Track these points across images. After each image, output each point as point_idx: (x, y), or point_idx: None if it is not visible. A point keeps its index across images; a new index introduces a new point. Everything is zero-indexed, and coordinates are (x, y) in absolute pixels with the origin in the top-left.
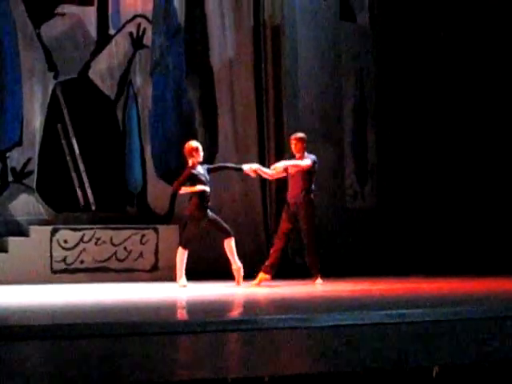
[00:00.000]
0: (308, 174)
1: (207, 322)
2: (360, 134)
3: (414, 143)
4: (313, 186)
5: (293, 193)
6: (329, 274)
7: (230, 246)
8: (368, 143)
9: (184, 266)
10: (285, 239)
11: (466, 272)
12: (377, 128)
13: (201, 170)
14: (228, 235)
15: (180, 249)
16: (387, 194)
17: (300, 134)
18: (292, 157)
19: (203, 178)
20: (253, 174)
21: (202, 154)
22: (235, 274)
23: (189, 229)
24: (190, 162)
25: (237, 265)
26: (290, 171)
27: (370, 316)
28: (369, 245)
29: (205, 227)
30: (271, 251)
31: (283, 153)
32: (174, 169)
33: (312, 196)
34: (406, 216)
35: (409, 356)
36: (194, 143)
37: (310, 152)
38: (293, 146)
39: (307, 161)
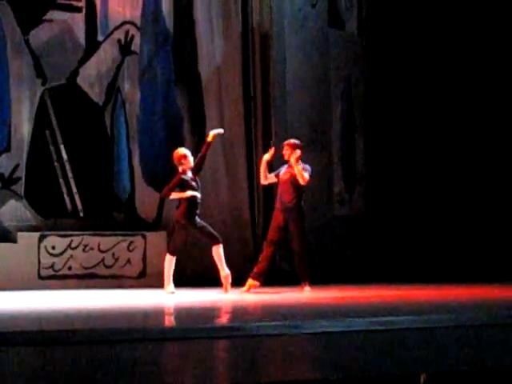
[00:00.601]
0: (295, 182)
1: (195, 328)
2: (348, 140)
3: (403, 150)
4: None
5: (284, 199)
6: (316, 280)
7: (218, 252)
8: (356, 150)
9: (172, 272)
10: (274, 246)
11: (454, 279)
12: (365, 135)
13: (191, 176)
14: (216, 242)
15: (168, 256)
16: (375, 200)
17: (292, 140)
18: (284, 163)
19: (194, 184)
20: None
21: (191, 159)
22: (223, 280)
23: (177, 236)
24: (180, 169)
25: (225, 272)
26: (281, 177)
27: (357, 323)
28: (357, 252)
29: (193, 235)
30: (260, 258)
31: (271, 159)
32: (162, 175)
33: (302, 203)
34: (394, 223)
35: (396, 363)
36: (181, 150)
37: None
38: (287, 153)
39: (306, 175)
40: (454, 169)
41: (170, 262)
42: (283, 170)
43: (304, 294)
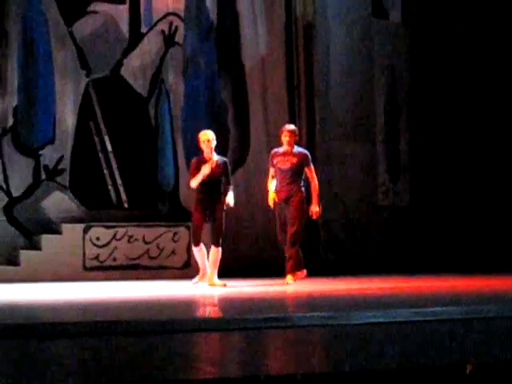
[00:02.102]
0: (301, 167)
1: (240, 319)
2: (392, 131)
3: (447, 140)
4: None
5: (285, 187)
6: (360, 271)
7: (212, 254)
8: (400, 141)
9: (206, 263)
10: None
11: (499, 270)
12: (409, 125)
13: (212, 158)
14: (212, 243)
15: (192, 247)
16: (419, 191)
17: (293, 126)
18: (278, 146)
19: (208, 168)
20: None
21: (211, 143)
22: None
23: (192, 223)
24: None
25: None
26: (280, 166)
27: (402, 314)
28: (401, 242)
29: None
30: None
31: (315, 151)
32: None
33: (303, 189)
34: (438, 213)
35: (441, 353)
36: (201, 133)
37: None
38: (286, 138)
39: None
40: (500, 157)
41: (197, 253)
42: (279, 158)
43: (288, 287)
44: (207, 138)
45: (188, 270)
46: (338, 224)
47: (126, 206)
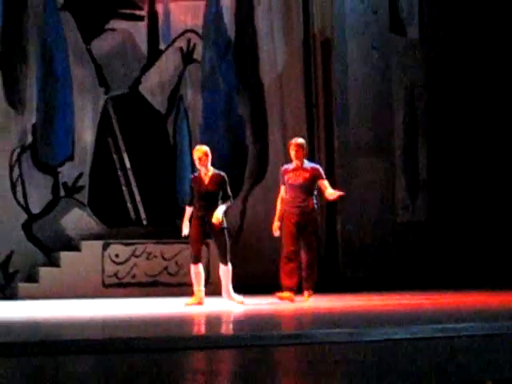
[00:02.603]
0: (313, 182)
1: (258, 336)
2: (411, 147)
3: (465, 156)
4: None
5: (299, 204)
6: (380, 287)
7: (222, 272)
8: (419, 157)
9: (201, 283)
10: (297, 258)
11: None
12: (428, 141)
13: (203, 176)
14: (220, 261)
15: (190, 265)
16: (438, 207)
17: (301, 140)
18: (288, 162)
19: (199, 188)
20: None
21: (206, 158)
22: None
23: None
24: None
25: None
26: (292, 182)
27: (421, 330)
28: (420, 258)
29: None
30: (288, 273)
31: (334, 168)
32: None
33: (317, 207)
34: (457, 229)
35: (461, 370)
36: (196, 148)
37: (357, 165)
38: (294, 152)
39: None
40: None
41: (193, 272)
42: (290, 174)
43: (307, 303)
44: (203, 152)
45: (207, 287)
46: (358, 240)
47: (144, 222)
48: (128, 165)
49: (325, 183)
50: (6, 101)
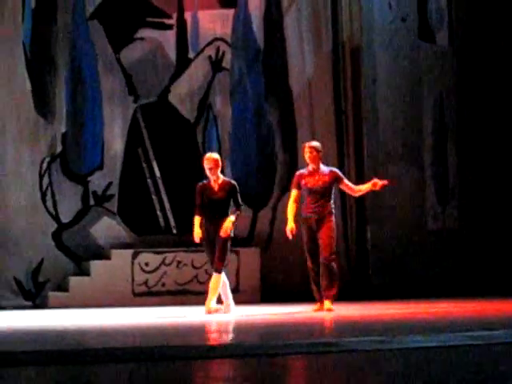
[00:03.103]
0: (332, 186)
1: (290, 344)
2: (440, 154)
3: (496, 163)
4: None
5: (316, 208)
6: (410, 295)
7: (213, 281)
8: (449, 164)
9: (221, 289)
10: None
11: None
12: (457, 149)
13: (212, 184)
14: (215, 270)
15: (214, 275)
16: (469, 214)
17: (315, 143)
18: (304, 166)
19: (210, 196)
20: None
21: (217, 168)
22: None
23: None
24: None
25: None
26: (310, 186)
27: (452, 338)
28: (450, 266)
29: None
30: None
31: (363, 174)
32: (254, 191)
33: (334, 211)
34: (487, 236)
35: (492, 378)
36: (207, 156)
37: (387, 172)
38: (308, 155)
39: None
40: None
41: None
42: (308, 179)
43: (330, 314)
44: (214, 160)
45: (237, 294)
46: (387, 248)
47: (174, 231)
48: (157, 173)
49: (349, 184)
50: (36, 110)
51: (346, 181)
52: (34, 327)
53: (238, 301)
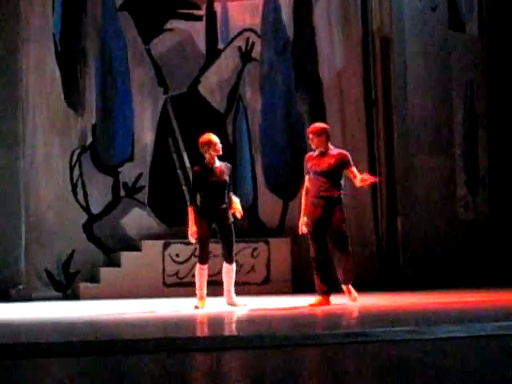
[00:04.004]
0: (339, 170)
1: (321, 334)
2: (471, 144)
3: None
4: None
5: (323, 193)
6: (440, 285)
7: (225, 271)
8: (479, 153)
9: (204, 284)
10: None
11: None
12: (488, 138)
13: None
14: (225, 260)
15: (198, 265)
16: (500, 204)
17: (317, 125)
18: (311, 150)
19: (209, 180)
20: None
21: (218, 147)
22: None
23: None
24: (206, 160)
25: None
26: (315, 169)
27: (483, 327)
28: (481, 256)
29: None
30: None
31: (393, 164)
32: (285, 182)
33: (342, 200)
34: None
35: None
36: (205, 136)
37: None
38: (309, 142)
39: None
40: None
41: (200, 273)
42: (313, 161)
43: (356, 303)
44: (218, 141)
45: (268, 285)
46: (418, 238)
47: None
48: (188, 164)
49: (354, 171)
50: (66, 102)
51: (353, 168)
52: (66, 318)
53: (269, 292)
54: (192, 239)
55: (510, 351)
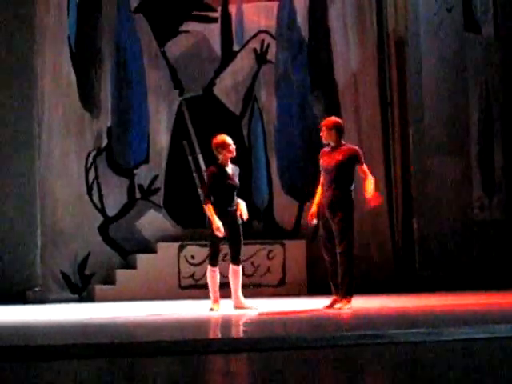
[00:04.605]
0: (348, 167)
1: (337, 336)
2: (486, 145)
3: None
4: (353, 184)
5: (328, 192)
6: (457, 287)
7: (232, 273)
8: (495, 154)
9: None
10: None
11: None
12: (503, 139)
13: (230, 170)
14: (232, 262)
15: (209, 268)
16: None
17: (329, 119)
18: (324, 146)
19: (226, 181)
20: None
21: (232, 148)
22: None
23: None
24: (219, 160)
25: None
26: (325, 165)
27: (499, 329)
28: (497, 257)
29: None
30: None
31: (408, 165)
32: (300, 184)
33: (352, 195)
34: None
35: None
36: (220, 137)
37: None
38: (321, 134)
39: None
40: None
41: (212, 275)
42: (324, 157)
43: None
44: (232, 143)
45: (283, 287)
46: (434, 240)
47: None
48: (203, 166)
49: (365, 170)
50: (82, 104)
51: (364, 167)
52: (82, 320)
53: (285, 293)
54: (219, 233)
55: None
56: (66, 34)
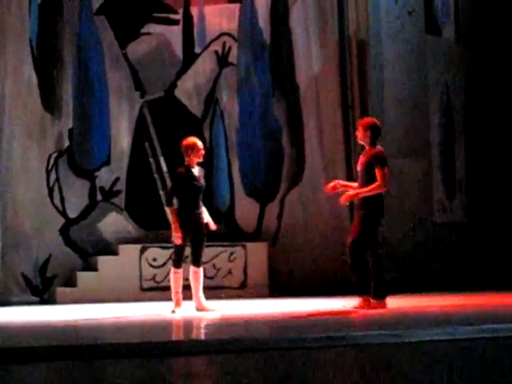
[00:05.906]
0: (370, 169)
1: (296, 338)
2: (448, 147)
3: (503, 155)
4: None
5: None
6: (419, 289)
7: (192, 275)
8: (456, 157)
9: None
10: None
11: None
12: (465, 142)
13: (196, 172)
14: (193, 263)
15: (172, 269)
16: (476, 207)
17: (366, 119)
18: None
19: (194, 183)
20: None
21: (202, 151)
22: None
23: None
24: (186, 162)
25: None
26: (357, 169)
27: (463, 331)
28: (459, 259)
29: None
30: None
31: None
32: (262, 186)
33: (381, 198)
34: (496, 229)
35: (504, 372)
36: (190, 139)
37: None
38: (359, 135)
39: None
40: None
41: (175, 277)
42: (358, 158)
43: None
44: (202, 147)
45: (244, 290)
46: (396, 242)
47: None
48: (165, 168)
49: (377, 174)
50: (43, 106)
51: (379, 168)
52: (43, 323)
53: (246, 296)
54: (177, 240)
55: (488, 355)
56: (28, 35)
